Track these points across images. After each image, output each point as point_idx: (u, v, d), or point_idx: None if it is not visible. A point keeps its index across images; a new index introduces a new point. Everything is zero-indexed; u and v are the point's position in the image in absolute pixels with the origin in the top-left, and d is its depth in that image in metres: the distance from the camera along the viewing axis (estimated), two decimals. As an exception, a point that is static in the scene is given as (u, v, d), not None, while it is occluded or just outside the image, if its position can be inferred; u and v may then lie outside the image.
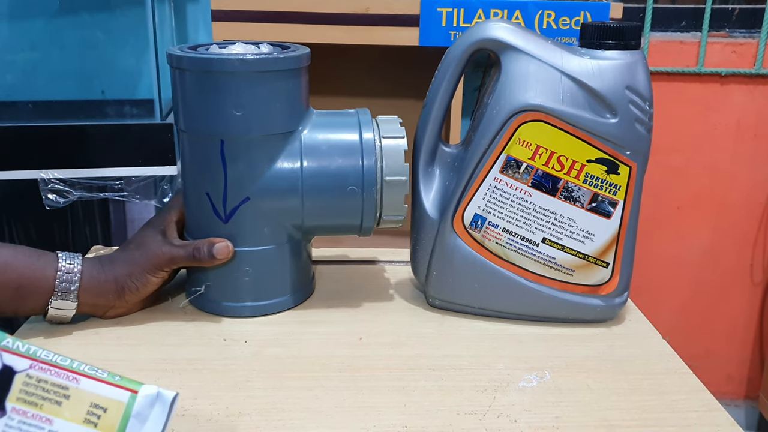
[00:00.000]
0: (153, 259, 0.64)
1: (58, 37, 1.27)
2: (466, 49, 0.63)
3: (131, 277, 0.64)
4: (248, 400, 0.55)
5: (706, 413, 0.55)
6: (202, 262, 0.65)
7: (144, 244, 0.65)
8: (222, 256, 0.64)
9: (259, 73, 0.61)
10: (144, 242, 0.66)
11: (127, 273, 0.64)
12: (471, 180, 0.65)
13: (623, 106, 0.61)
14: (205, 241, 0.65)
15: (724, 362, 1.59)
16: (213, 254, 0.64)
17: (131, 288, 0.64)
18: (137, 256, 0.65)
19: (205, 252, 0.64)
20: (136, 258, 0.64)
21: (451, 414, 0.54)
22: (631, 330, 0.68)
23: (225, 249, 0.64)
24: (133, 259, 0.64)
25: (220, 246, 0.64)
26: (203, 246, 0.65)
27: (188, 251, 0.65)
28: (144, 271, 0.64)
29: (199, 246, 0.65)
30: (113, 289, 0.63)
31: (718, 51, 1.36)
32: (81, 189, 1.19)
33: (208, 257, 0.64)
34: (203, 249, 0.65)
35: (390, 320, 0.68)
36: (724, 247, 1.50)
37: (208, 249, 0.64)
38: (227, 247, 0.65)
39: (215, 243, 0.64)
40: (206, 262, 0.65)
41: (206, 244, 0.65)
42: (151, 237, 0.66)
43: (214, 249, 0.64)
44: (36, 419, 0.38)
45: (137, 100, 1.29)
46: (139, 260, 0.64)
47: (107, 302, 0.64)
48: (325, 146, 0.65)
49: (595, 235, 0.64)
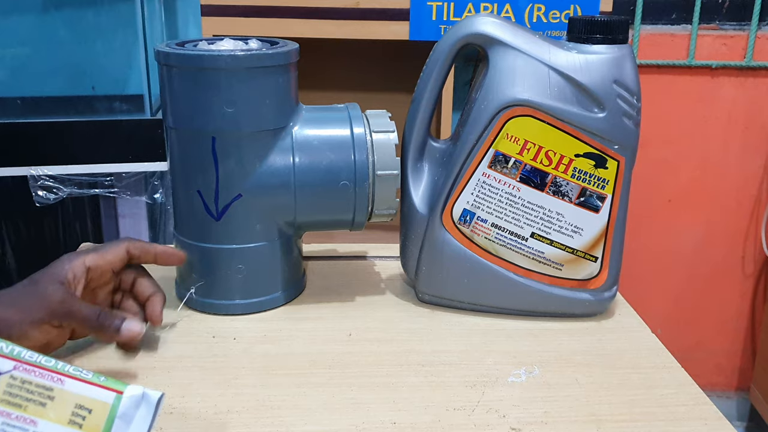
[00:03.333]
0: (46, 307, 0.51)
1: (47, 32, 1.26)
2: (454, 45, 0.63)
3: (7, 323, 0.50)
4: (237, 397, 0.55)
5: (694, 407, 0.55)
6: (104, 332, 0.54)
7: (39, 288, 0.52)
8: (128, 337, 0.55)
9: (250, 69, 0.61)
10: (39, 286, 0.52)
11: (3, 317, 0.50)
12: (460, 175, 0.64)
13: (611, 101, 0.61)
14: (119, 312, 0.56)
15: (715, 354, 1.60)
16: (120, 329, 0.54)
17: (4, 335, 0.49)
18: (25, 300, 0.51)
19: (113, 321, 0.54)
20: (22, 301, 0.51)
21: (440, 410, 0.54)
22: (621, 324, 0.68)
23: (136, 329, 0.55)
24: (17, 302, 0.51)
25: (133, 324, 0.55)
26: (113, 314, 0.54)
27: (93, 311, 0.53)
28: (27, 320, 0.50)
29: (108, 312, 0.54)
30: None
31: (709, 43, 1.36)
32: (71, 185, 1.19)
33: (114, 330, 0.54)
34: (112, 317, 0.54)
35: (379, 316, 0.68)
36: (715, 239, 1.51)
37: (118, 321, 0.54)
38: (140, 328, 0.55)
39: (128, 318, 0.55)
40: (108, 334, 0.54)
41: (119, 314, 0.55)
42: (50, 284, 0.52)
43: (124, 324, 0.54)
44: (20, 421, 0.38)
45: (127, 96, 1.28)
46: (25, 304, 0.51)
47: None
48: (317, 142, 0.65)
49: (584, 230, 0.65)
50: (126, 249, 0.58)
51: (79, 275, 0.54)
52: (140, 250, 0.60)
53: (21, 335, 0.51)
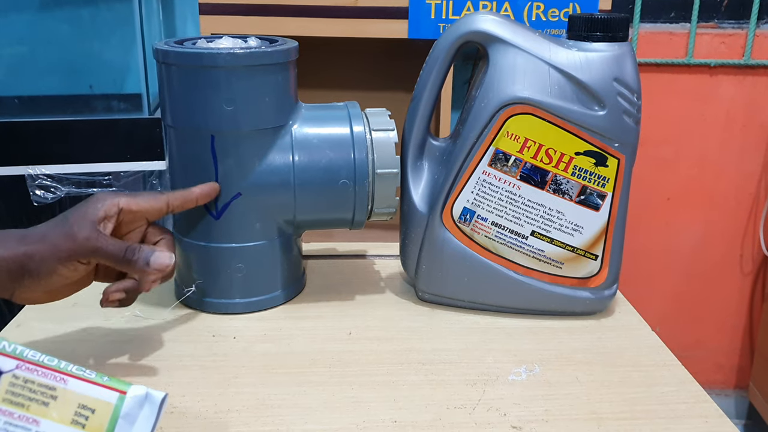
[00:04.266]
0: (73, 244, 0.51)
1: (44, 31, 1.26)
2: (454, 42, 0.63)
3: (35, 259, 0.51)
4: (237, 396, 0.54)
5: (694, 404, 0.55)
6: (133, 266, 0.53)
7: (68, 225, 0.52)
8: (158, 268, 0.54)
9: (249, 67, 0.61)
10: (68, 223, 0.52)
11: (33, 252, 0.51)
12: (460, 173, 0.64)
13: (611, 99, 0.61)
14: (147, 246, 0.55)
15: (714, 352, 1.60)
16: (149, 261, 0.53)
17: (32, 273, 0.51)
18: (54, 235, 0.52)
19: (141, 256, 0.53)
20: (51, 237, 0.52)
21: (441, 408, 0.54)
22: (621, 322, 0.68)
23: (166, 260, 0.54)
24: (46, 238, 0.52)
25: (162, 255, 0.54)
26: (141, 250, 0.53)
27: (120, 248, 0.53)
28: (55, 256, 0.51)
29: (135, 248, 0.53)
30: (10, 269, 0.51)
31: (707, 42, 1.36)
32: (69, 185, 1.18)
33: (142, 264, 0.53)
34: (140, 253, 0.53)
35: (380, 315, 0.68)
36: (713, 237, 1.51)
37: (146, 255, 0.53)
38: (170, 258, 0.54)
39: (157, 251, 0.54)
40: (137, 269, 0.53)
41: (146, 249, 0.54)
42: (79, 220, 0.53)
43: (152, 257, 0.53)
44: (23, 420, 0.38)
45: (125, 95, 1.28)
46: (54, 240, 0.51)
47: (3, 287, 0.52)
48: (316, 140, 0.65)
49: (584, 228, 0.64)
50: (166, 202, 0.58)
51: (110, 214, 0.54)
52: (181, 200, 0.59)
53: (50, 271, 0.52)
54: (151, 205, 0.57)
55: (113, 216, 0.54)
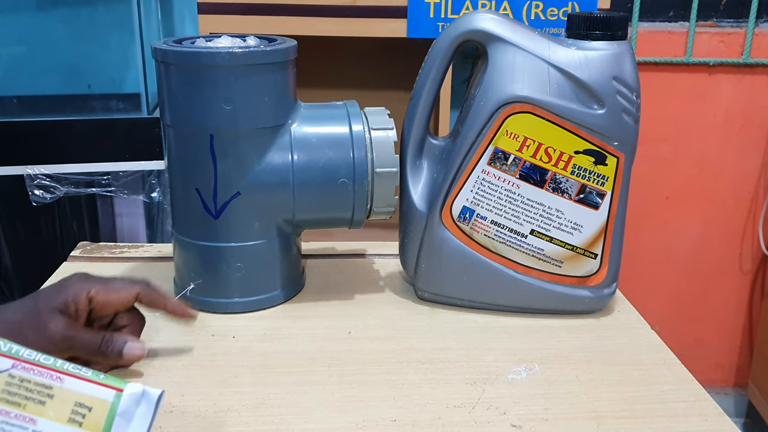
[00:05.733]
0: (46, 342, 0.51)
1: (43, 31, 1.26)
2: (453, 41, 0.63)
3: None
4: (236, 395, 0.54)
5: (694, 403, 0.55)
6: (107, 358, 0.55)
7: (40, 320, 0.52)
8: (130, 359, 0.55)
9: (248, 66, 0.61)
10: (40, 318, 0.52)
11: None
12: (459, 172, 0.64)
13: (610, 97, 0.61)
14: (119, 335, 0.55)
15: (713, 351, 1.60)
16: (122, 353, 0.55)
17: None
18: (27, 330, 0.51)
19: (115, 347, 0.54)
20: (24, 331, 0.51)
21: (441, 407, 0.54)
22: (620, 321, 0.68)
23: (138, 352, 0.55)
24: (18, 332, 0.51)
25: (134, 347, 0.55)
26: (114, 341, 0.55)
27: (95, 341, 0.54)
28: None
29: (109, 339, 0.54)
30: None
31: (706, 41, 1.36)
32: (68, 184, 1.18)
33: (116, 354, 0.55)
34: (113, 343, 0.54)
35: (379, 314, 0.68)
36: (712, 236, 1.51)
37: (119, 346, 0.55)
38: (142, 350, 0.56)
39: (129, 341, 0.55)
40: (111, 359, 0.55)
41: (119, 339, 0.55)
42: (51, 315, 0.52)
43: (126, 347, 0.55)
44: (19, 419, 0.38)
45: (124, 95, 1.28)
46: (27, 335, 0.51)
47: None
48: (315, 139, 0.65)
49: (583, 227, 0.64)
50: (136, 296, 0.57)
51: (81, 308, 0.54)
52: (151, 301, 0.58)
53: None
54: (120, 299, 0.56)
55: (84, 309, 0.54)
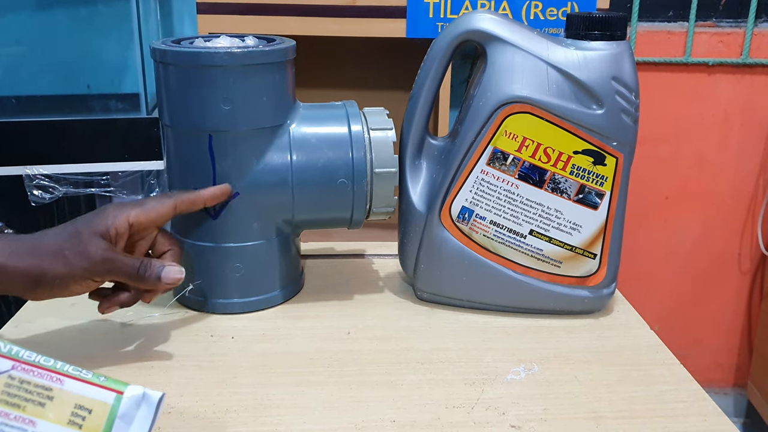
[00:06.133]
0: (88, 263, 0.53)
1: (41, 30, 1.25)
2: (451, 42, 0.63)
3: (49, 276, 0.52)
4: (235, 396, 0.54)
5: (693, 403, 0.55)
6: (146, 282, 0.56)
7: (81, 243, 0.53)
8: (169, 282, 0.56)
9: (247, 66, 0.61)
10: (81, 241, 0.53)
11: (46, 269, 0.52)
12: (458, 172, 0.64)
13: (609, 97, 0.61)
14: (157, 260, 0.57)
15: (712, 351, 1.60)
16: (160, 276, 0.56)
17: (45, 286, 0.53)
18: (68, 252, 0.53)
19: (153, 272, 0.55)
20: (65, 254, 0.53)
21: (440, 407, 0.54)
22: (619, 321, 0.68)
23: (176, 275, 0.56)
24: (60, 255, 0.53)
25: (172, 270, 0.56)
26: (153, 265, 0.56)
27: (133, 265, 0.55)
28: (69, 274, 0.53)
29: (147, 263, 0.56)
30: (24, 281, 0.52)
31: (706, 41, 1.36)
32: (67, 185, 1.18)
33: (155, 279, 0.56)
34: (152, 268, 0.55)
35: (378, 314, 0.68)
36: (712, 236, 1.51)
37: (158, 270, 0.56)
38: (180, 272, 0.56)
39: (167, 265, 0.56)
40: (149, 284, 0.56)
41: (157, 264, 0.56)
42: (93, 239, 0.54)
43: (164, 271, 0.56)
44: (19, 421, 0.38)
45: (123, 95, 1.28)
46: (69, 258, 0.53)
47: (16, 292, 0.53)
48: (314, 139, 0.65)
49: (582, 227, 0.64)
50: (174, 206, 0.58)
51: (121, 231, 0.55)
52: (189, 204, 0.60)
53: (64, 286, 0.53)
54: (160, 213, 0.58)
55: (124, 233, 0.56)
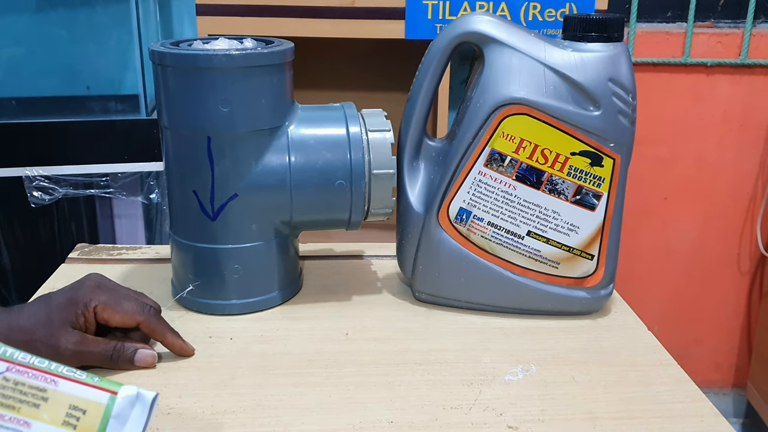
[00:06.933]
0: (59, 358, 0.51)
1: (42, 33, 1.26)
2: (449, 43, 0.63)
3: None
4: (234, 397, 0.54)
5: (690, 404, 0.55)
6: (119, 366, 0.57)
7: (52, 335, 0.54)
8: (143, 365, 0.57)
9: (245, 68, 0.61)
10: (52, 333, 0.54)
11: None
12: (456, 174, 0.64)
13: (606, 99, 0.61)
14: (130, 344, 0.57)
15: (712, 351, 1.60)
16: (133, 360, 0.57)
17: None
18: (41, 345, 0.53)
19: (125, 356, 0.56)
20: (38, 347, 0.53)
21: (437, 408, 0.54)
22: (617, 322, 0.68)
23: (150, 358, 0.57)
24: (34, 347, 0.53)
25: (146, 354, 0.57)
26: (125, 349, 0.57)
27: (105, 352, 0.56)
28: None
29: (120, 348, 0.56)
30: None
31: (704, 41, 1.36)
32: (66, 186, 1.18)
33: (127, 363, 0.57)
34: (124, 352, 0.56)
35: (376, 315, 0.68)
36: (711, 236, 1.51)
37: (129, 354, 0.57)
38: (153, 357, 0.58)
39: (140, 349, 0.57)
40: (123, 367, 0.57)
41: (130, 347, 0.57)
42: (61, 329, 0.55)
43: (137, 355, 0.57)
44: (14, 422, 0.38)
45: (122, 96, 1.28)
46: (42, 351, 0.53)
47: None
48: (313, 141, 0.65)
49: (580, 228, 0.65)
50: (138, 322, 0.58)
51: (90, 320, 0.57)
52: (150, 332, 0.59)
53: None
54: (127, 317, 0.58)
55: (93, 321, 0.57)
